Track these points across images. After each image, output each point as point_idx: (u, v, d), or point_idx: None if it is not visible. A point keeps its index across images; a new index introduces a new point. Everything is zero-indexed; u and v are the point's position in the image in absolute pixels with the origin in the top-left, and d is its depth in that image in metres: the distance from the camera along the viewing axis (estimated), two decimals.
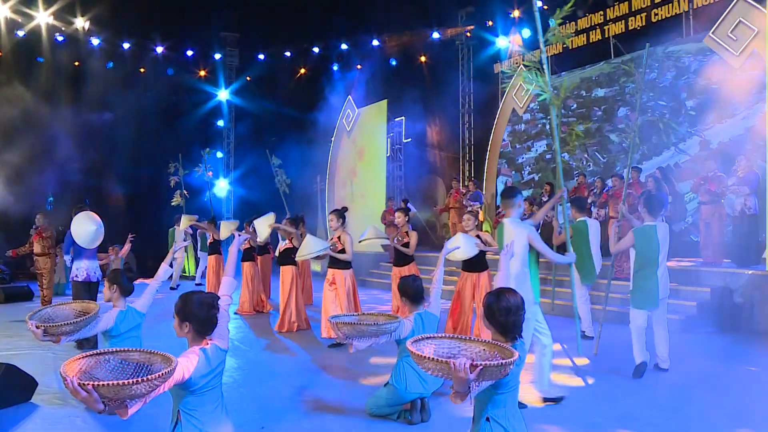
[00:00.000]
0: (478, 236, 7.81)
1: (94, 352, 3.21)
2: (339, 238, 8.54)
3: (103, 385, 2.75)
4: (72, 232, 8.28)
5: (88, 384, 2.74)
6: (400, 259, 9.23)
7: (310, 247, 8.39)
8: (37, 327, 4.51)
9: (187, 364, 3.38)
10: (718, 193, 10.36)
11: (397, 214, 9.46)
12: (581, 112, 15.98)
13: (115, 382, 2.78)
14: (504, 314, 3.24)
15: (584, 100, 15.95)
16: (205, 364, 3.45)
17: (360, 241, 8.93)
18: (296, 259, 9.06)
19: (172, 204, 15.22)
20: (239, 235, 4.58)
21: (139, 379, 2.82)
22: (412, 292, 5.41)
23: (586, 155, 15.58)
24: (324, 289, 8.57)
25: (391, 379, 5.27)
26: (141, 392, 2.87)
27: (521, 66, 7.35)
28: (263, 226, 10.26)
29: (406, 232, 9.13)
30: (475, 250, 7.66)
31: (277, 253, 10.25)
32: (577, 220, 8.33)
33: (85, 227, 8.22)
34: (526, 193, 16.15)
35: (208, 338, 3.61)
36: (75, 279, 8.60)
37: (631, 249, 6.85)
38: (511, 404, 3.26)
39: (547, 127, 16.59)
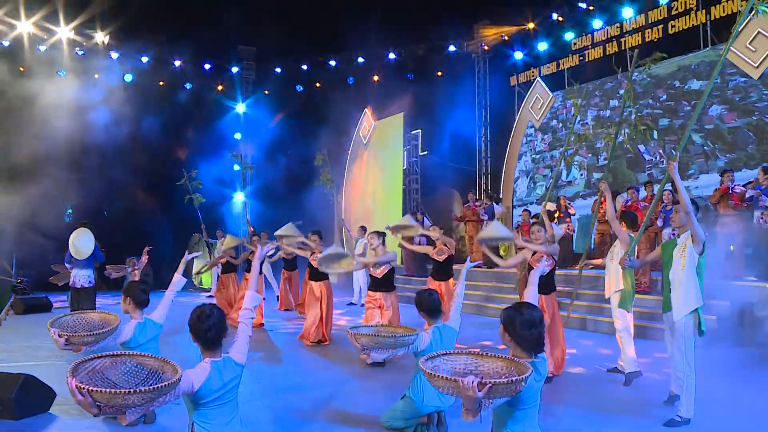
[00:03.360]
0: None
1: (112, 353, 3.24)
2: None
3: (97, 391, 2.83)
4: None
5: (84, 388, 2.81)
6: (441, 273, 9.24)
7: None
8: (60, 336, 4.56)
9: (197, 376, 3.39)
10: (742, 206, 10.22)
11: (432, 228, 9.51)
12: (669, 105, 14.79)
13: (108, 390, 2.85)
14: (526, 328, 3.21)
15: (675, 92, 14.69)
16: (215, 377, 3.45)
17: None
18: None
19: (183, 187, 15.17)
20: (261, 249, 4.58)
21: (131, 390, 2.87)
22: (428, 306, 5.37)
23: (661, 151, 14.59)
24: (368, 312, 8.48)
25: (408, 392, 5.23)
26: (134, 402, 2.91)
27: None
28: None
29: (445, 245, 9.20)
30: (505, 232, 7.23)
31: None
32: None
33: (74, 242, 9.59)
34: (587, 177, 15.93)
35: (225, 352, 3.61)
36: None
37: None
38: (530, 420, 3.22)
39: (633, 117, 15.56)
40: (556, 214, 13.51)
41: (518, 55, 18.50)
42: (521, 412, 3.17)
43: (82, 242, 9.51)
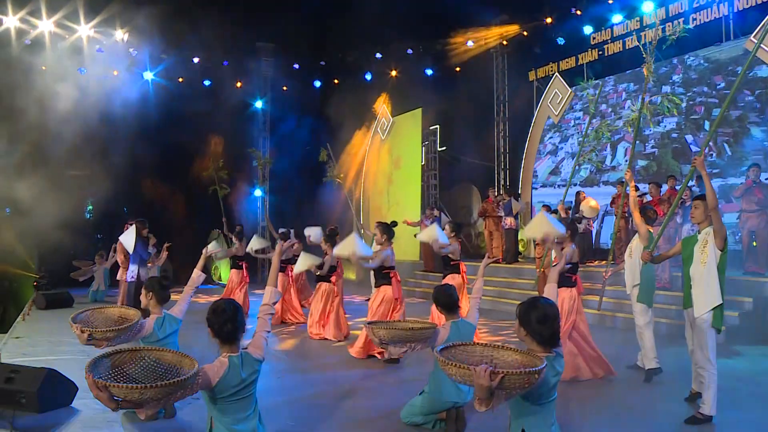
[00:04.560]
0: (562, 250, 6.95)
1: (132, 348, 3.28)
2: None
3: (114, 386, 2.90)
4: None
5: (102, 383, 2.89)
6: (445, 268, 9.20)
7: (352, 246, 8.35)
8: (82, 331, 4.64)
9: (214, 371, 3.41)
10: (765, 202, 10.09)
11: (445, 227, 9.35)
12: (727, 94, 12.78)
13: (125, 385, 2.92)
14: (541, 322, 3.21)
15: (737, 79, 13.39)
16: (233, 373, 3.47)
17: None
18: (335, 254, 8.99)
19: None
20: (281, 244, 4.60)
21: (148, 385, 2.93)
22: (445, 301, 5.36)
23: (711, 143, 13.31)
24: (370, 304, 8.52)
25: (426, 388, 5.24)
26: (151, 397, 2.96)
27: None
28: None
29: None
30: (552, 226, 6.72)
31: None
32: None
33: (120, 238, 10.17)
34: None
35: (243, 347, 3.63)
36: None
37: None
38: (546, 416, 3.22)
39: (683, 105, 14.35)
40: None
41: (536, 50, 18.36)
42: (537, 407, 3.17)
43: (124, 239, 9.92)
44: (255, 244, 12.30)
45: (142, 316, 5.18)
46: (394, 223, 9.29)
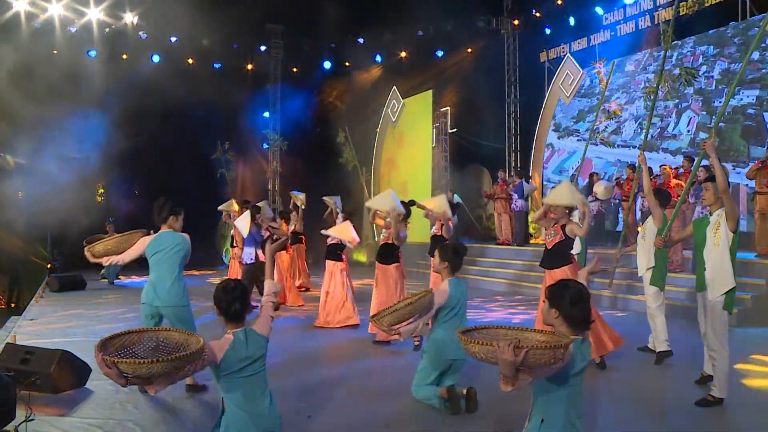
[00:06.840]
0: (563, 226, 6.59)
1: (139, 329, 3.38)
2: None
3: (122, 362, 2.97)
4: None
5: (110, 360, 2.96)
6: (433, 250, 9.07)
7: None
8: (88, 251, 5.84)
9: (220, 346, 3.48)
10: None
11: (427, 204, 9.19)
12: None
13: (132, 360, 3.01)
14: (576, 302, 3.12)
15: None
16: (238, 347, 3.53)
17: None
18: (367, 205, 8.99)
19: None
20: (270, 245, 4.43)
21: (154, 360, 2.99)
22: (457, 259, 5.28)
23: None
24: (374, 287, 8.37)
25: (425, 346, 5.35)
26: (158, 372, 3.02)
27: None
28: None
29: (442, 225, 9.01)
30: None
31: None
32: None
33: (235, 222, 10.59)
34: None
35: (247, 326, 3.68)
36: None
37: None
38: (570, 405, 3.12)
39: None
40: None
41: (548, 31, 18.21)
42: (562, 394, 3.10)
43: (239, 223, 10.16)
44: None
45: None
46: (412, 202, 9.05)
